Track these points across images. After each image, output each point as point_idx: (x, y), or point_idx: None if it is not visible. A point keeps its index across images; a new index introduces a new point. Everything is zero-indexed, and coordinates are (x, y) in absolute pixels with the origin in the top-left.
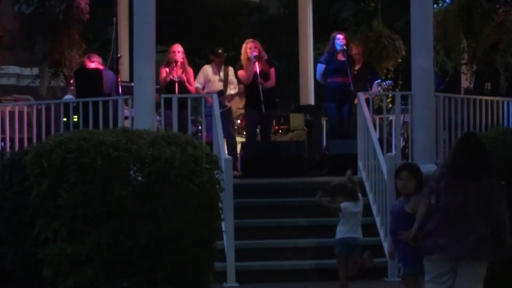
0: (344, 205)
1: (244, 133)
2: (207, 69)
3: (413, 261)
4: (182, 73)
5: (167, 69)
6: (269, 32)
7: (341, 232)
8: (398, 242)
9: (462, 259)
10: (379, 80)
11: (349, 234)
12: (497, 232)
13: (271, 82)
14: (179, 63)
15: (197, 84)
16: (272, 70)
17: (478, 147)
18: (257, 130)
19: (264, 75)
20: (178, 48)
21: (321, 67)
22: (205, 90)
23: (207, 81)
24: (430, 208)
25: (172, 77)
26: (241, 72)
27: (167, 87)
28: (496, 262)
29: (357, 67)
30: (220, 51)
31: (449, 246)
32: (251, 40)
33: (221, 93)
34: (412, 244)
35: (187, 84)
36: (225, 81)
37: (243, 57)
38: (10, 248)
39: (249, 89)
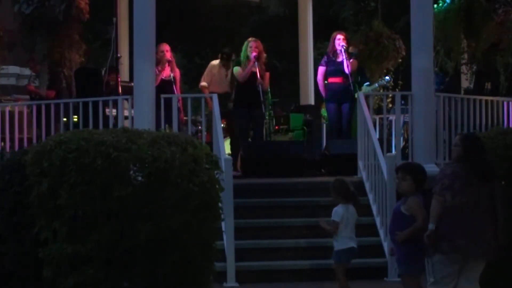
0: (338, 210)
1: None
2: (214, 66)
3: (406, 262)
4: (171, 72)
5: (158, 69)
6: (269, 32)
7: (345, 241)
8: (394, 242)
9: (475, 259)
10: (367, 83)
11: (353, 244)
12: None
13: (264, 87)
14: (166, 63)
15: (203, 82)
16: (267, 75)
17: (485, 147)
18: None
19: (260, 77)
20: (166, 48)
21: (321, 69)
22: (210, 89)
23: (213, 79)
24: (445, 205)
25: (162, 77)
26: (238, 69)
27: (159, 87)
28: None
29: None
30: (226, 50)
31: (466, 247)
32: (253, 39)
33: (228, 96)
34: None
35: (177, 83)
36: (232, 81)
37: (243, 55)
38: (10, 248)
39: (242, 87)
